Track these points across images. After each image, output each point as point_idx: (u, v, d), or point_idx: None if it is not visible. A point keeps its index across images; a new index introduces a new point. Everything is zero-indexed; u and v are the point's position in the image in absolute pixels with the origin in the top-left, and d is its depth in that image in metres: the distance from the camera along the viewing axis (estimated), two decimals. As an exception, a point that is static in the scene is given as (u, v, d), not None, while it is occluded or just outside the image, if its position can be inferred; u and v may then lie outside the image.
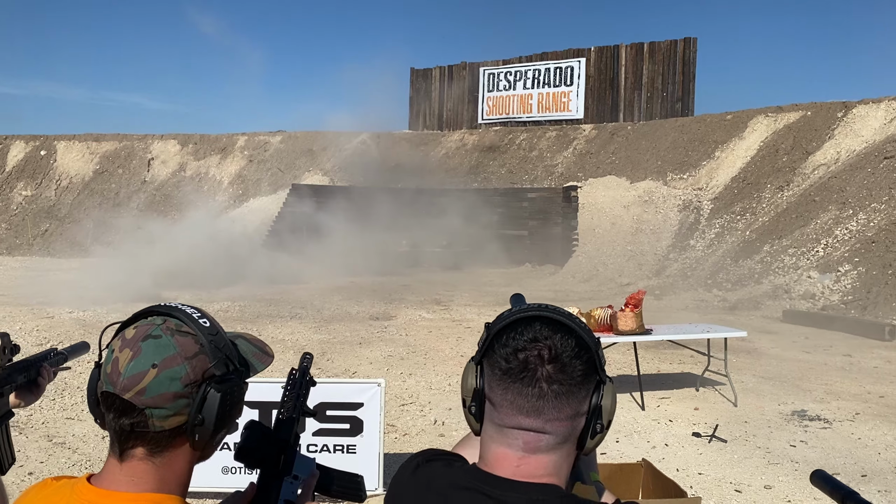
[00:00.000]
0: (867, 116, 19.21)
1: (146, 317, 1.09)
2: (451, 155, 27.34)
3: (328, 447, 4.24)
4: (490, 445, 1.07)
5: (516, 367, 1.03)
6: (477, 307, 13.36)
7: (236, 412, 1.11)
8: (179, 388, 1.03)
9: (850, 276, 13.58)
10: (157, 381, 1.02)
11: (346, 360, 8.45)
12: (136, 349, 1.03)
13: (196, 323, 1.08)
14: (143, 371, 1.02)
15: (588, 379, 1.04)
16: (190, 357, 1.05)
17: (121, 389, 1.02)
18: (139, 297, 11.26)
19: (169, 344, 1.04)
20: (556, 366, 1.02)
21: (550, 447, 1.04)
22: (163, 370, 1.02)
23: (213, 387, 1.05)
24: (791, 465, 5.14)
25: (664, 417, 6.30)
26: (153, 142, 30.50)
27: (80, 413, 6.16)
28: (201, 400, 1.04)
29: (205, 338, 1.07)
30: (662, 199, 20.85)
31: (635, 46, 25.64)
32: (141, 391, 1.01)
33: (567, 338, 1.04)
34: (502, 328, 1.07)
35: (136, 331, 1.06)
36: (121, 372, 1.02)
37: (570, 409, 1.03)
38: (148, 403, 1.01)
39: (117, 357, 1.04)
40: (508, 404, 1.03)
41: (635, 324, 6.41)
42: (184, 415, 1.04)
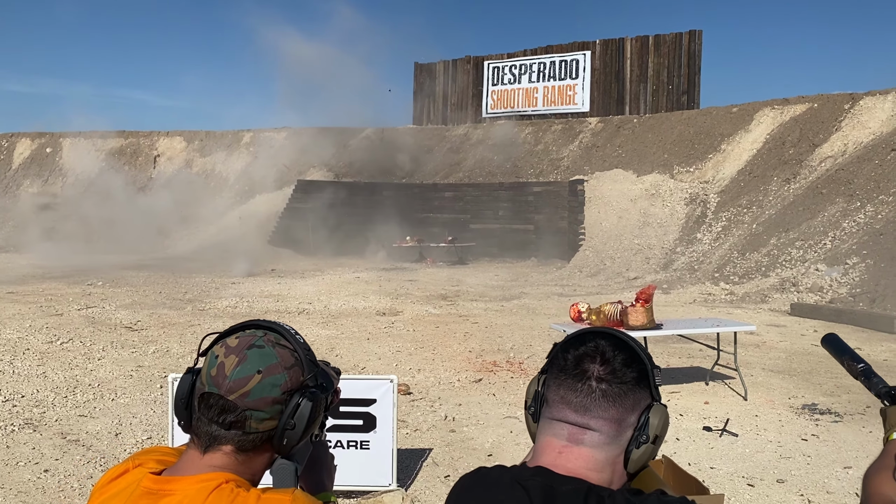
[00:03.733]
0: (874, 108, 19.12)
1: (245, 329, 1.19)
2: (456, 149, 27.33)
3: (342, 443, 4.25)
4: (539, 437, 1.16)
5: (572, 364, 1.13)
6: (483, 302, 13.36)
7: (318, 422, 1.22)
8: (278, 394, 1.13)
9: (858, 269, 13.53)
10: (261, 386, 1.12)
11: (354, 356, 8.47)
12: (241, 356, 1.13)
13: (293, 338, 1.19)
14: (248, 375, 1.12)
15: (638, 389, 1.13)
16: (288, 367, 1.16)
17: (226, 391, 1.12)
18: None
19: (271, 354, 1.15)
20: (607, 368, 1.11)
21: (594, 444, 1.10)
22: (266, 376, 1.13)
23: (307, 396, 1.16)
24: (803, 459, 5.14)
25: (675, 412, 6.30)
26: (159, 138, 30.59)
27: (92, 410, 6.19)
28: (294, 407, 1.15)
29: (301, 352, 1.18)
30: (669, 193, 20.81)
31: (640, 39, 25.54)
32: (245, 394, 1.11)
33: (622, 349, 1.14)
34: (570, 339, 1.18)
35: (239, 340, 1.16)
36: (227, 375, 1.12)
37: (616, 411, 1.10)
38: (250, 405, 1.12)
39: (223, 362, 1.13)
40: (560, 399, 1.13)
41: (646, 318, 6.41)
42: (276, 420, 1.14)
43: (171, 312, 11.34)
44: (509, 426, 5.87)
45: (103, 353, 8.32)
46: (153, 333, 9.60)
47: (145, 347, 8.69)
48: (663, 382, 2.90)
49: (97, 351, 8.43)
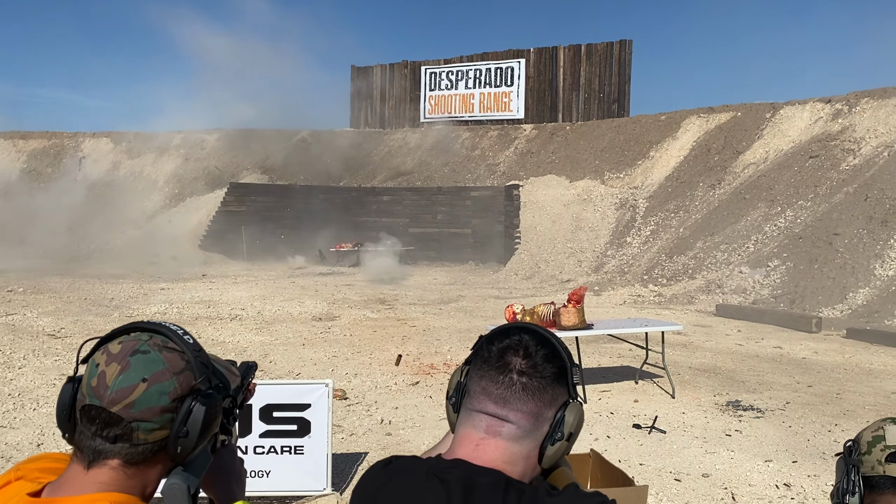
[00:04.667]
0: (794, 117, 20.03)
1: (128, 333, 1.10)
2: (394, 153, 27.31)
3: (275, 448, 4.20)
4: (458, 428, 1.16)
5: (495, 356, 1.13)
6: (422, 306, 13.39)
7: (215, 425, 1.13)
8: (167, 402, 1.05)
9: (779, 271, 14.13)
10: (147, 395, 1.03)
11: (289, 362, 8.36)
12: (124, 363, 1.04)
13: (181, 339, 1.11)
14: (132, 385, 1.03)
15: (556, 385, 1.14)
16: (177, 372, 1.07)
17: (108, 402, 1.02)
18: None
19: (157, 359, 1.06)
20: (529, 361, 1.12)
21: (510, 436, 1.11)
22: (152, 384, 1.04)
23: (199, 400, 1.07)
24: (727, 454, 5.33)
25: (606, 410, 6.46)
26: (84, 139, 29.54)
27: (12, 421, 5.93)
28: (186, 413, 1.06)
29: (191, 354, 1.10)
30: (600, 198, 21.29)
31: (573, 48, 26.09)
32: (130, 404, 1.02)
33: (544, 344, 1.15)
34: (495, 332, 1.19)
35: (122, 346, 1.07)
36: (108, 385, 1.03)
37: (534, 405, 1.11)
38: (136, 416, 1.03)
39: (104, 371, 1.04)
40: (481, 390, 1.13)
41: (577, 319, 6.55)
42: (166, 429, 1.06)
43: (96, 319, 10.96)
44: (446, 427, 5.87)
45: (24, 362, 7.98)
46: (77, 341, 9.26)
47: (69, 356, 8.38)
48: (594, 381, 2.93)
49: (18, 359, 8.08)
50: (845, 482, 1.39)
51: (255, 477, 4.18)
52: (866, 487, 1.37)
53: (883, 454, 1.36)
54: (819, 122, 19.28)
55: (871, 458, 1.37)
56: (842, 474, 1.42)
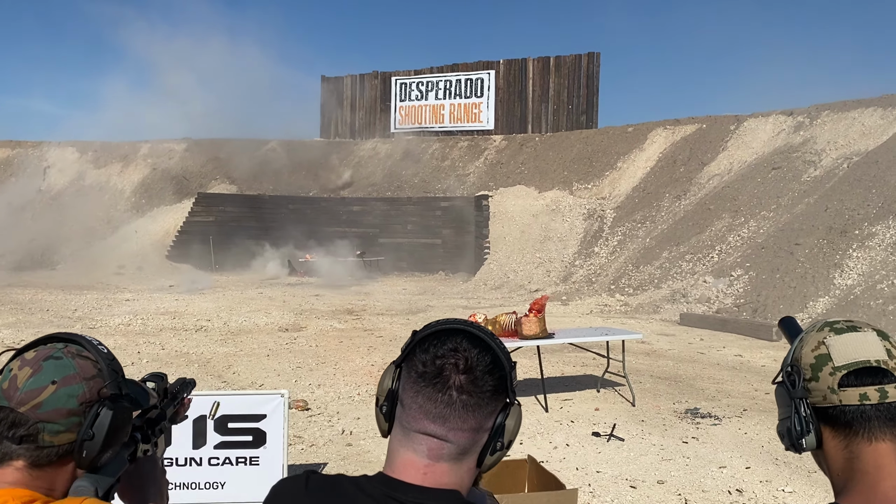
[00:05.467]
0: (757, 129, 20.44)
1: (46, 343, 1.15)
2: (365, 163, 27.30)
3: (230, 460, 4.18)
4: (398, 450, 1.09)
5: (431, 372, 1.06)
6: (390, 316, 13.38)
7: (123, 434, 1.16)
8: (75, 405, 1.08)
9: (742, 281, 14.38)
10: (55, 397, 1.06)
11: (252, 373, 8.31)
12: (36, 367, 1.08)
13: (95, 349, 1.15)
14: (41, 387, 1.06)
15: (497, 396, 1.08)
16: (88, 378, 1.11)
17: (17, 403, 1.06)
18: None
19: (69, 365, 1.10)
20: (468, 377, 1.06)
21: (452, 457, 1.06)
22: (61, 387, 1.07)
23: (107, 405, 1.10)
24: (683, 461, 5.42)
25: (566, 418, 6.52)
26: (49, 148, 29.08)
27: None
28: (94, 416, 1.09)
29: (103, 362, 1.14)
30: (569, 208, 21.49)
31: (542, 60, 26.37)
32: (37, 405, 1.06)
33: (484, 354, 1.08)
34: (427, 335, 1.11)
35: (37, 353, 1.11)
36: (18, 387, 1.06)
37: (475, 421, 1.06)
38: (42, 417, 1.06)
39: (16, 374, 1.08)
40: (418, 407, 1.06)
41: (538, 328, 6.61)
42: (74, 433, 1.08)
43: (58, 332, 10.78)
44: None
45: None
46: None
47: (27, 368, 8.23)
48: (556, 389, 2.94)
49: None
50: (796, 420, 1.15)
51: (210, 488, 4.16)
52: (821, 421, 1.14)
53: (834, 378, 1.12)
54: (781, 134, 19.70)
55: (820, 385, 1.13)
56: (787, 409, 1.18)
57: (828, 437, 1.15)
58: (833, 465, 1.15)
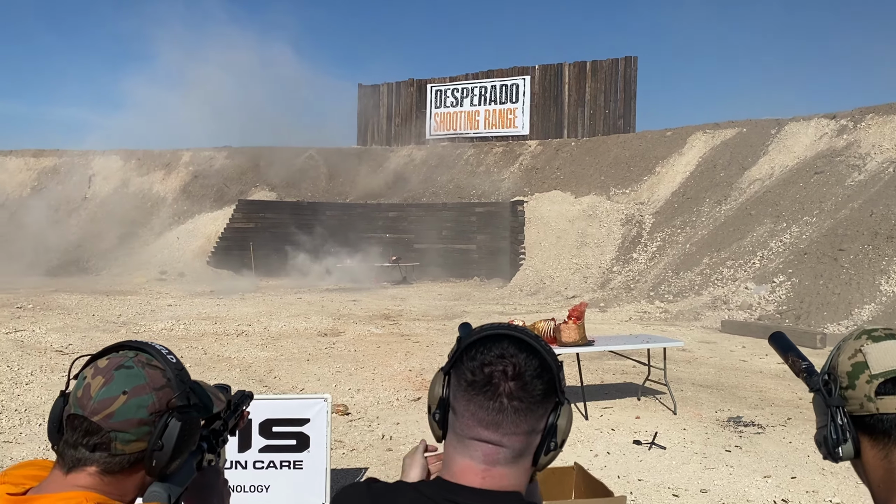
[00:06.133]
0: (798, 133, 20.05)
1: (117, 350, 1.18)
2: (400, 170, 27.46)
3: (274, 463, 4.25)
4: (454, 457, 1.11)
5: (481, 380, 1.07)
6: (426, 321, 13.43)
7: (191, 444, 1.19)
8: (145, 415, 1.12)
9: (784, 287, 14.11)
10: (126, 407, 1.10)
11: (293, 377, 8.42)
12: (108, 377, 1.12)
13: (164, 358, 1.19)
14: (113, 396, 1.10)
15: (547, 399, 1.10)
16: (157, 388, 1.14)
17: (90, 412, 1.10)
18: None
19: (139, 374, 1.14)
20: (518, 383, 1.07)
21: (508, 461, 1.08)
22: (132, 397, 1.11)
23: (176, 416, 1.14)
24: (726, 470, 5.35)
25: (607, 426, 6.47)
26: (94, 157, 29.80)
27: (18, 436, 6.01)
28: (162, 427, 1.13)
29: (172, 372, 1.17)
30: (606, 214, 21.33)
31: (578, 65, 26.24)
32: (109, 415, 1.09)
33: (531, 358, 1.09)
34: (472, 342, 1.12)
35: (108, 361, 1.15)
36: (92, 396, 1.10)
37: (527, 425, 1.08)
38: (114, 427, 1.10)
39: (89, 383, 1.12)
40: (470, 415, 1.08)
41: (578, 335, 6.58)
42: (144, 441, 1.12)
43: (104, 336, 11.05)
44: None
45: (32, 378, 8.06)
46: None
47: (76, 371, 8.45)
48: (596, 398, 2.92)
49: (25, 375, 8.16)
50: (832, 429, 1.14)
51: (254, 492, 4.23)
52: (858, 430, 1.13)
53: (871, 386, 1.11)
54: (824, 137, 19.30)
55: (857, 393, 1.13)
56: (824, 418, 1.17)
57: (866, 446, 1.13)
58: (873, 476, 1.13)
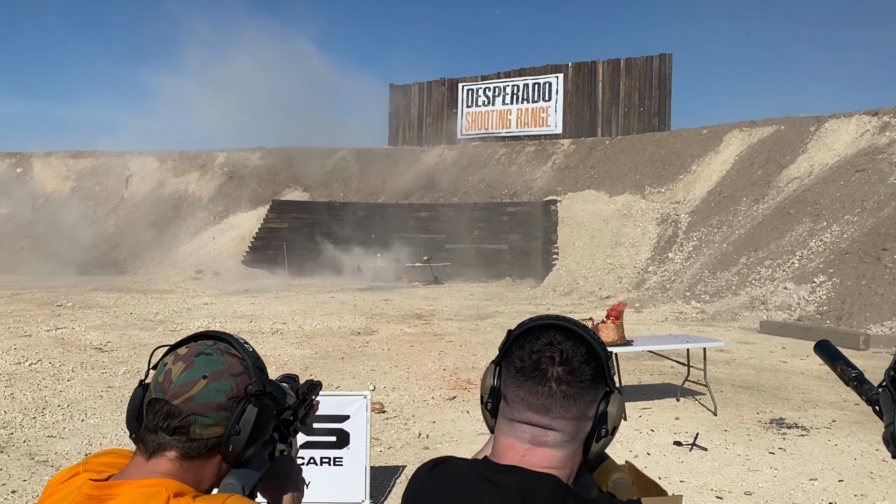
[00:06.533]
0: (839, 130, 19.61)
1: (196, 340, 1.21)
2: (431, 170, 27.47)
3: (315, 460, 4.25)
4: (500, 437, 1.15)
5: (529, 366, 1.11)
6: (458, 321, 13.40)
7: (266, 431, 1.21)
8: (224, 399, 1.14)
9: (825, 287, 13.81)
10: (206, 391, 1.13)
11: (329, 375, 8.45)
12: (189, 362, 1.15)
13: (242, 347, 1.21)
14: (194, 380, 1.13)
15: (596, 385, 1.12)
16: (235, 374, 1.17)
17: (171, 396, 1.13)
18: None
19: (219, 361, 1.16)
20: (565, 368, 1.10)
21: (556, 443, 1.10)
22: (212, 381, 1.14)
23: (253, 401, 1.16)
24: (770, 472, 5.23)
25: (646, 427, 6.38)
26: (131, 158, 30.32)
27: (62, 431, 6.11)
28: (240, 413, 1.15)
29: (249, 360, 1.20)
30: (641, 213, 21.09)
31: (612, 62, 26.00)
32: (190, 398, 1.12)
33: (579, 345, 1.12)
34: (521, 333, 1.15)
35: (188, 349, 1.18)
36: (173, 381, 1.13)
37: (577, 409, 1.10)
38: (194, 410, 1.12)
39: (170, 368, 1.15)
40: (520, 401, 1.11)
41: (616, 335, 6.50)
42: (222, 426, 1.14)
43: (141, 333, 11.23)
44: (483, 442, 5.89)
45: (73, 374, 8.21)
46: (123, 354, 9.50)
47: (115, 368, 8.60)
48: (635, 398, 2.87)
49: (66, 372, 8.32)
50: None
51: (295, 488, 4.24)
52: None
53: None
54: (865, 135, 18.86)
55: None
56: (892, 415, 1.16)
57: None
58: None
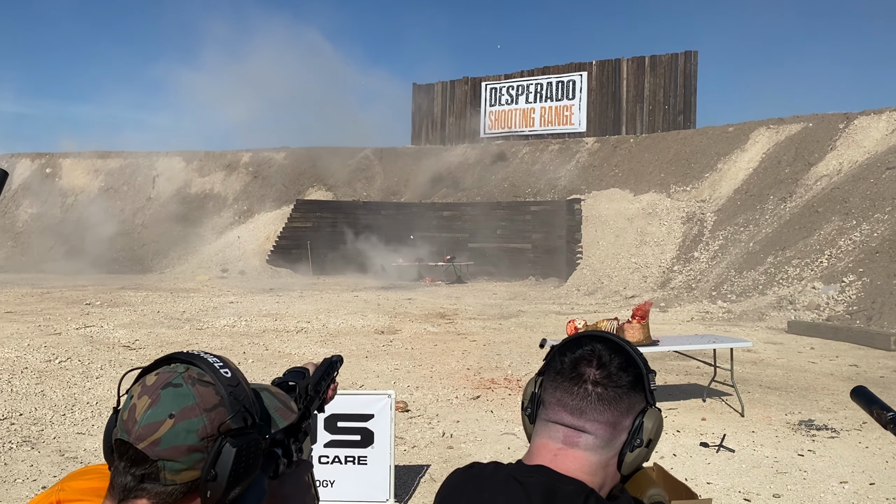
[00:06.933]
0: (869, 127, 19.28)
1: (169, 363, 1.05)
2: (454, 169, 27.47)
3: (339, 458, 4.27)
4: (535, 439, 1.17)
5: (568, 367, 1.14)
6: (481, 320, 13.38)
7: (252, 469, 1.04)
8: (195, 440, 0.98)
9: (854, 287, 13.58)
10: (174, 433, 0.97)
11: (352, 374, 8.48)
12: (154, 396, 0.99)
13: (217, 373, 1.04)
14: (159, 420, 0.97)
15: (633, 394, 1.13)
16: (209, 409, 1.00)
17: (135, 438, 0.97)
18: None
19: (188, 393, 1.00)
20: (602, 371, 1.12)
21: (588, 446, 1.10)
22: (179, 421, 0.98)
23: (229, 441, 0.99)
24: (800, 474, 5.15)
25: (672, 428, 6.32)
26: (158, 158, 30.69)
27: (90, 428, 6.20)
28: (216, 454, 0.99)
29: (224, 389, 1.02)
30: (666, 212, 20.90)
31: (636, 60, 25.79)
32: (155, 441, 0.97)
33: (618, 353, 1.14)
34: (565, 342, 1.19)
35: (157, 377, 1.02)
36: (137, 420, 0.98)
37: (611, 415, 1.11)
38: (162, 455, 0.97)
39: (135, 404, 1.00)
40: (556, 401, 1.13)
41: (642, 335, 6.44)
42: (197, 469, 0.98)
43: (168, 332, 11.35)
44: (507, 442, 5.88)
45: (101, 372, 8.32)
46: (151, 352, 9.61)
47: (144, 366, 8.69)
48: (660, 399, 2.80)
49: (95, 370, 8.44)
50: None
51: (319, 486, 4.25)
52: None
53: None
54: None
55: None
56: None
57: None
58: None
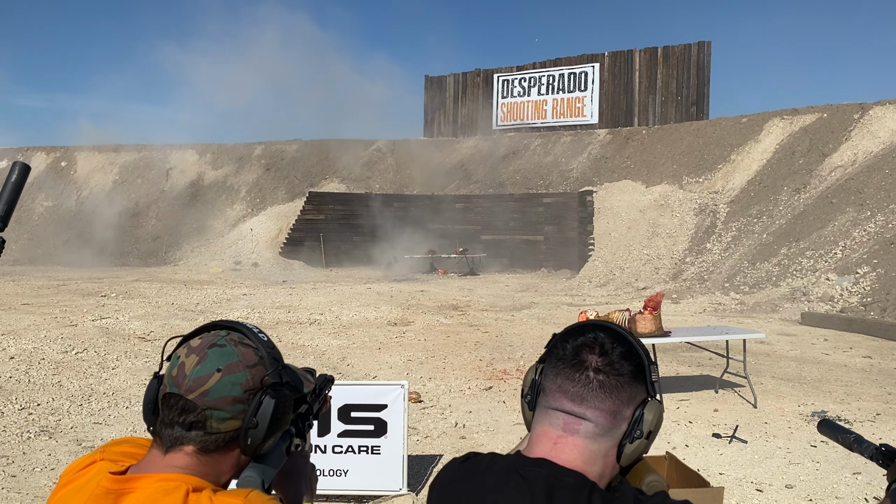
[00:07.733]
0: (884, 118, 19.10)
1: (209, 330, 1.18)
2: (466, 161, 27.45)
3: (353, 448, 4.31)
4: (535, 427, 1.16)
5: (570, 354, 1.13)
6: (494, 312, 13.41)
7: (284, 423, 1.19)
8: (239, 392, 1.11)
9: (868, 278, 13.50)
10: (220, 385, 1.10)
11: (365, 365, 8.53)
12: (202, 355, 1.12)
13: (256, 337, 1.18)
14: (208, 374, 1.10)
15: (634, 384, 1.12)
16: (250, 366, 1.13)
17: (185, 390, 1.10)
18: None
19: (232, 352, 1.13)
20: (604, 359, 1.11)
21: (588, 434, 1.10)
22: (226, 374, 1.11)
23: (269, 393, 1.13)
24: (812, 465, 5.15)
25: (684, 419, 6.33)
26: (171, 152, 30.83)
27: (107, 418, 6.28)
28: (257, 405, 1.12)
29: (264, 350, 1.16)
30: (678, 203, 20.81)
31: (649, 51, 25.64)
32: (204, 392, 1.10)
33: (620, 342, 1.14)
34: (567, 330, 1.18)
35: (201, 340, 1.15)
36: (186, 374, 1.11)
37: (612, 403, 1.10)
38: (209, 405, 1.10)
39: (183, 362, 1.12)
40: (557, 388, 1.13)
41: (654, 326, 6.45)
42: (239, 419, 1.12)
43: (183, 323, 11.44)
44: (519, 432, 5.91)
45: (117, 363, 8.42)
46: (166, 343, 9.69)
47: (158, 357, 8.75)
48: (672, 389, 2.83)
49: (111, 360, 8.53)
50: None
51: (333, 476, 4.30)
52: None
53: None
54: (913, 121, 18.33)
55: None
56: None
57: None
58: None
